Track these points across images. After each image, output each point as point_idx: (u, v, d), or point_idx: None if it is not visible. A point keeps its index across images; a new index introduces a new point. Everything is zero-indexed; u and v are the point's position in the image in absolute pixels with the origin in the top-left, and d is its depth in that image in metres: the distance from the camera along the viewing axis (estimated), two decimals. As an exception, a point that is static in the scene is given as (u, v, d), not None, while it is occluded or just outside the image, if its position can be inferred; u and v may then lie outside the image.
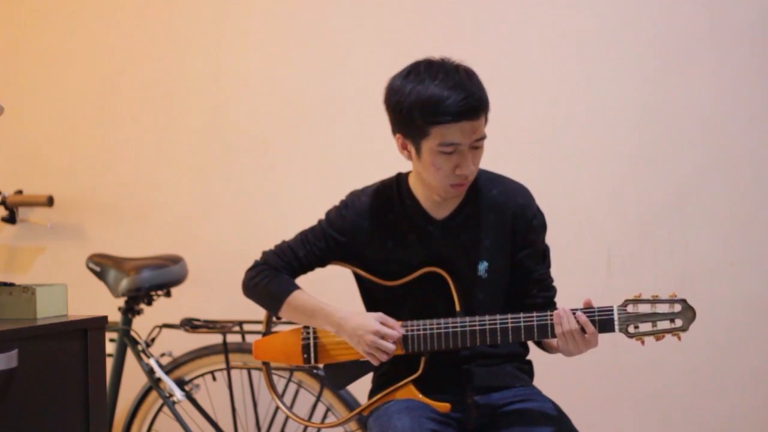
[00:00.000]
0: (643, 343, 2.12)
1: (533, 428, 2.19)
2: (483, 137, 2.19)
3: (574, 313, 2.13)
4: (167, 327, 3.12)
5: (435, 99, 2.13)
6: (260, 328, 2.55)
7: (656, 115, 3.11)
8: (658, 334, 2.10)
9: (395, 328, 2.26)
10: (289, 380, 3.01)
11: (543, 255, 2.34)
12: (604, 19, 3.15)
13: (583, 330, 2.12)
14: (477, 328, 2.20)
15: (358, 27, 3.34)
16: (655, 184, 3.11)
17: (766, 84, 3.06)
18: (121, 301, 3.12)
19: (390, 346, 2.24)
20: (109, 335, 2.94)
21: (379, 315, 2.28)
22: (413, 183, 2.34)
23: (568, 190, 3.15)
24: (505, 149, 3.03)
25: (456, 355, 2.29)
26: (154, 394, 3.15)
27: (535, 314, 2.17)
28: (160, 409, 3.18)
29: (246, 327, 3.05)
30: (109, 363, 2.87)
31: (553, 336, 2.16)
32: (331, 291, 2.49)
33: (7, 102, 2.59)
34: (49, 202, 3.52)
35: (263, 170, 3.43)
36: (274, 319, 2.50)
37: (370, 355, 2.26)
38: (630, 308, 2.11)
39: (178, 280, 3.15)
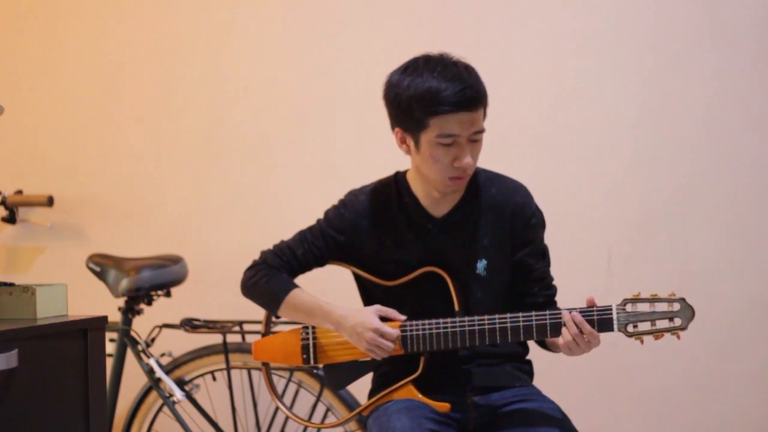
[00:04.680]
0: (642, 342, 2.12)
1: (533, 428, 2.18)
2: (481, 131, 2.19)
3: (570, 313, 2.12)
4: (167, 327, 3.12)
5: (433, 90, 2.13)
6: (260, 328, 2.55)
7: (656, 114, 3.11)
8: (657, 333, 2.09)
9: (395, 318, 2.26)
10: (289, 380, 3.02)
11: (542, 253, 2.34)
12: (604, 18, 3.15)
13: (581, 331, 2.12)
14: (476, 328, 2.20)
15: (357, 27, 3.34)
16: (655, 184, 3.11)
17: (766, 84, 3.06)
18: (121, 301, 3.12)
19: (389, 344, 2.24)
20: (109, 335, 2.94)
21: (377, 308, 2.28)
22: (412, 181, 2.34)
23: (568, 190, 3.15)
24: (504, 149, 3.04)
25: (455, 355, 2.29)
26: (154, 394, 3.15)
27: (534, 314, 2.17)
28: (160, 409, 3.18)
29: (246, 327, 3.05)
30: (109, 363, 2.87)
31: (553, 336, 2.16)
32: (330, 291, 2.49)
33: (7, 102, 2.60)
34: (49, 202, 3.52)
35: (263, 170, 3.43)
36: (274, 318, 2.50)
37: (370, 352, 2.26)
38: (629, 307, 2.10)
39: (178, 280, 3.15)
